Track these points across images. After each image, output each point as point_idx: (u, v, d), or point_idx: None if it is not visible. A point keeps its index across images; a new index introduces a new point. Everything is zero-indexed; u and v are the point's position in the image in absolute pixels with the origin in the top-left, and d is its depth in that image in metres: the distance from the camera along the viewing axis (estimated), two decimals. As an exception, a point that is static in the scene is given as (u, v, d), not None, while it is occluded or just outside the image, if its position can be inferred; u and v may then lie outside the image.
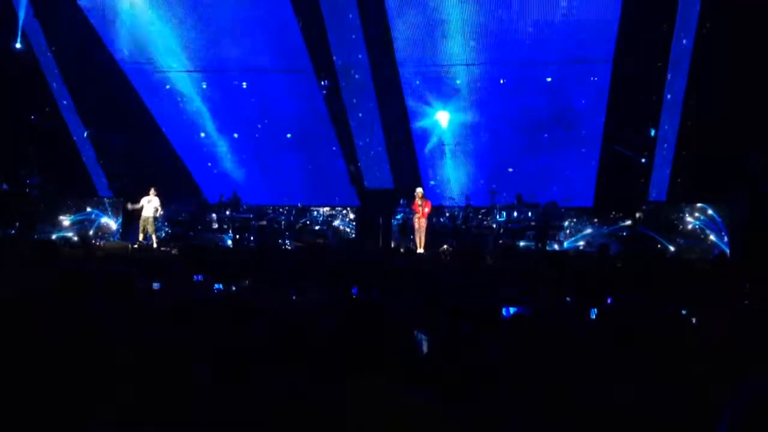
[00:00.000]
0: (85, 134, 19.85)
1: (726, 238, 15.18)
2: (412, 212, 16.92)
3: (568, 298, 8.27)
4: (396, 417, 2.17)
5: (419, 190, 16.42)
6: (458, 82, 19.68)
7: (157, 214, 17.09)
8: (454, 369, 2.45)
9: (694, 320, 4.68)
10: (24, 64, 18.34)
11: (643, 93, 17.08)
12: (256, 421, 2.30)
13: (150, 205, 16.89)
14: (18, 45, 18.34)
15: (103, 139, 19.90)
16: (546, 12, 18.21)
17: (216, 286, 7.91)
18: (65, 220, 18.86)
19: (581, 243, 16.94)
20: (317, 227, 19.22)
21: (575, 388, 2.54)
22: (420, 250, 15.78)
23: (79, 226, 18.66)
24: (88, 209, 19.19)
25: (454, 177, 20.33)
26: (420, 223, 16.44)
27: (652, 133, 17.39)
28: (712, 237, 15.41)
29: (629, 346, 4.11)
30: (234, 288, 6.97)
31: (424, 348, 2.58)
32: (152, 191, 16.99)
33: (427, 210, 16.34)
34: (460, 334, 2.57)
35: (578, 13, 17.77)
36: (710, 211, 15.60)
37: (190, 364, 2.76)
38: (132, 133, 19.65)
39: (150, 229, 16.89)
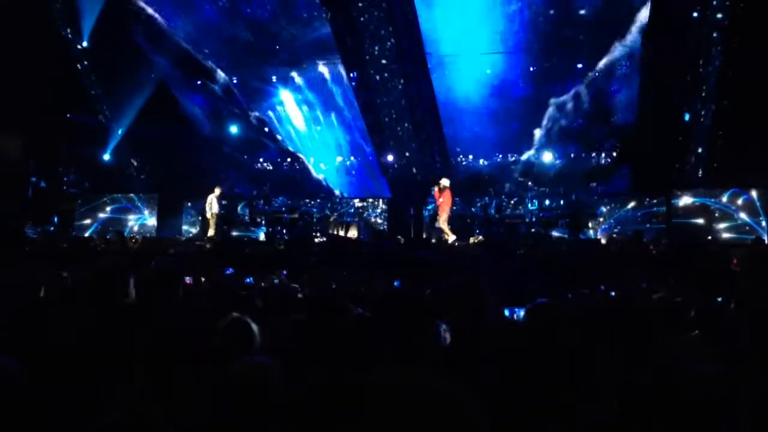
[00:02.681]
0: (120, 131, 20.17)
1: (764, 223, 14.83)
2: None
3: (602, 287, 8.22)
4: (427, 405, 2.18)
5: (442, 181, 16.08)
6: (488, 71, 19.58)
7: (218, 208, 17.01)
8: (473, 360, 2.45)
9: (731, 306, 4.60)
10: (61, 61, 18.63)
11: (676, 74, 16.74)
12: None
13: (216, 202, 16.83)
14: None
15: (139, 135, 20.20)
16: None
17: (247, 279, 8.03)
18: (102, 216, 19.20)
19: (615, 230, 16.69)
20: (348, 219, 19.27)
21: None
22: (450, 239, 15.56)
23: (116, 223, 18.98)
24: (125, 205, 19.53)
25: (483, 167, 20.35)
26: (440, 213, 16.05)
27: (687, 117, 17.03)
28: (749, 222, 15.06)
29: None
30: (264, 281, 7.04)
31: (447, 338, 2.58)
32: (217, 188, 16.97)
33: (442, 200, 15.86)
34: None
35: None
36: (747, 196, 15.23)
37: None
38: (167, 129, 19.94)
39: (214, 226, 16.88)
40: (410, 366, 2.19)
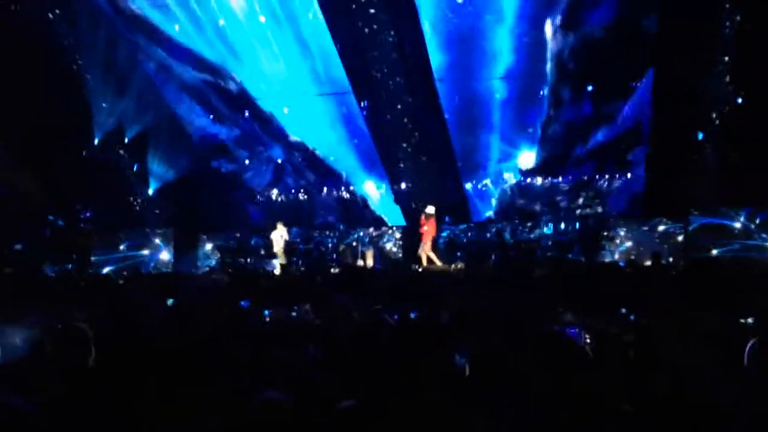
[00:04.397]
0: (135, 167, 20.40)
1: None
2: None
3: (623, 309, 8.10)
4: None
5: (427, 209, 16.11)
6: (497, 96, 19.69)
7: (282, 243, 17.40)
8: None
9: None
10: (78, 100, 18.92)
11: (688, 94, 16.69)
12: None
13: (281, 239, 17.27)
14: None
15: (155, 172, 20.44)
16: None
17: (265, 312, 8.00)
18: (118, 255, 19.31)
19: (633, 252, 16.52)
20: (363, 248, 19.24)
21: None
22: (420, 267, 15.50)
23: (132, 261, 19.06)
24: (141, 241, 19.65)
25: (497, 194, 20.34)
26: (424, 240, 16.10)
27: (700, 136, 16.95)
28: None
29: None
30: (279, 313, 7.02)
31: (464, 369, 2.55)
32: (279, 225, 17.33)
33: (426, 228, 15.89)
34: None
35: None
36: (765, 214, 15.05)
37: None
38: (182, 164, 20.16)
39: (283, 259, 17.25)
40: (425, 395, 2.17)
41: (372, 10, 18.45)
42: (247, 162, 21.84)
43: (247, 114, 21.52)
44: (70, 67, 18.84)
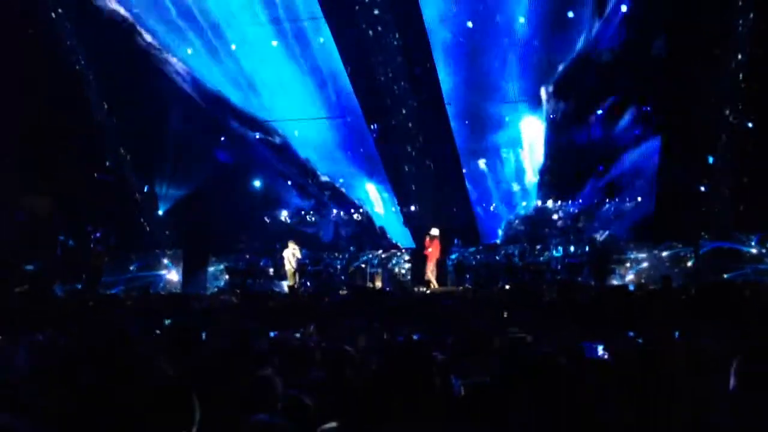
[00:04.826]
0: (146, 188, 20.54)
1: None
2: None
3: (631, 333, 8.02)
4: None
5: (432, 231, 16.44)
6: (507, 119, 19.73)
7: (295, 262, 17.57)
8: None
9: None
10: (87, 122, 19.13)
11: (698, 118, 16.66)
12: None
13: (293, 257, 17.46)
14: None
15: (165, 193, 20.57)
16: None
17: (271, 333, 7.99)
18: (128, 275, 19.40)
19: (643, 275, 16.40)
20: (372, 270, 19.20)
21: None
22: (429, 290, 15.67)
23: (141, 282, 19.12)
24: (150, 261, 19.73)
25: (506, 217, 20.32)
26: (428, 263, 16.36)
27: (711, 160, 16.88)
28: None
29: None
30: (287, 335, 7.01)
31: (461, 392, 2.53)
32: (291, 243, 17.55)
33: (431, 250, 16.26)
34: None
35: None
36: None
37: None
38: (192, 185, 20.27)
39: (295, 278, 17.45)
40: (420, 420, 2.15)
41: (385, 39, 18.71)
42: (257, 184, 21.93)
43: (257, 136, 21.66)
44: (82, 85, 19.12)
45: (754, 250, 15.08)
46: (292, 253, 17.41)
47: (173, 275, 19.53)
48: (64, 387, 2.68)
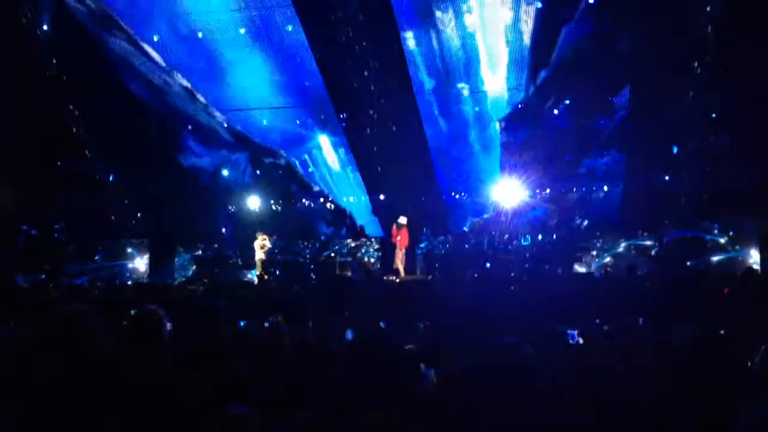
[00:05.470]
0: (111, 177, 20.17)
1: (756, 252, 14.83)
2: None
3: (597, 320, 8.14)
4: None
5: (400, 219, 16.64)
6: (476, 109, 19.80)
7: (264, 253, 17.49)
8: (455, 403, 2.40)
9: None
10: (50, 109, 18.66)
11: (662, 109, 16.89)
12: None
13: (261, 249, 17.46)
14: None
15: (130, 182, 20.19)
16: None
17: (241, 323, 7.91)
18: (94, 265, 19.09)
19: (608, 263, 16.66)
20: (341, 259, 19.18)
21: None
22: (397, 278, 15.82)
23: (107, 272, 18.83)
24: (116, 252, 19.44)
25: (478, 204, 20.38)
26: (397, 252, 16.51)
27: (675, 149, 17.17)
28: (742, 252, 15.07)
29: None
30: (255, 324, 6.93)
31: (431, 380, 2.53)
32: (259, 235, 17.56)
33: (399, 239, 16.47)
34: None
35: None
36: (739, 227, 15.27)
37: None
38: (158, 175, 19.93)
39: (263, 268, 17.36)
40: (388, 411, 2.14)
41: (352, 27, 18.55)
42: (225, 172, 21.68)
43: (225, 125, 21.39)
44: (46, 74, 18.63)
45: (717, 239, 15.40)
46: (261, 245, 17.37)
47: (140, 265, 19.28)
48: (25, 380, 2.61)
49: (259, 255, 17.44)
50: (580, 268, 16.55)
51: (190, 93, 20.61)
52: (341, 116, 20.24)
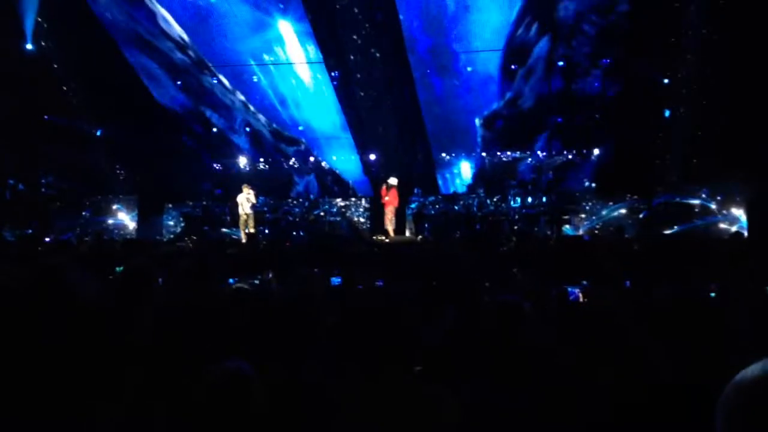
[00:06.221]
0: (98, 133, 19.93)
1: (743, 217, 14.97)
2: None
3: (584, 282, 8.21)
4: (413, 408, 2.13)
5: (390, 179, 16.47)
6: (469, 69, 19.60)
7: (250, 207, 16.89)
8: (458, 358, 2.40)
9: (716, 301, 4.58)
10: (37, 63, 18.34)
11: (656, 72, 16.83)
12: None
13: (247, 202, 16.81)
14: (29, 46, 18.32)
15: (118, 137, 19.96)
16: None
17: (230, 280, 7.91)
18: (81, 218, 18.97)
19: (597, 226, 16.77)
20: (331, 219, 19.16)
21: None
22: (387, 238, 15.73)
23: (95, 225, 18.72)
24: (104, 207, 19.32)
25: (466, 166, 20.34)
26: (386, 211, 16.44)
27: (667, 113, 17.15)
28: (729, 217, 15.20)
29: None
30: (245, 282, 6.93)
31: (429, 339, 2.53)
32: (245, 188, 16.87)
33: (387, 199, 16.32)
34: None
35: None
36: (727, 191, 15.36)
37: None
38: (146, 130, 19.70)
39: (251, 224, 16.80)
40: (388, 368, 2.13)
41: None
42: (214, 130, 21.47)
43: (215, 81, 21.08)
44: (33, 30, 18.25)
45: (705, 203, 15.50)
46: (246, 198, 16.76)
47: (128, 221, 19.19)
48: (5, 329, 2.57)
49: (242, 209, 16.75)
50: (570, 231, 16.64)
51: (180, 42, 20.28)
52: (332, 74, 19.98)
